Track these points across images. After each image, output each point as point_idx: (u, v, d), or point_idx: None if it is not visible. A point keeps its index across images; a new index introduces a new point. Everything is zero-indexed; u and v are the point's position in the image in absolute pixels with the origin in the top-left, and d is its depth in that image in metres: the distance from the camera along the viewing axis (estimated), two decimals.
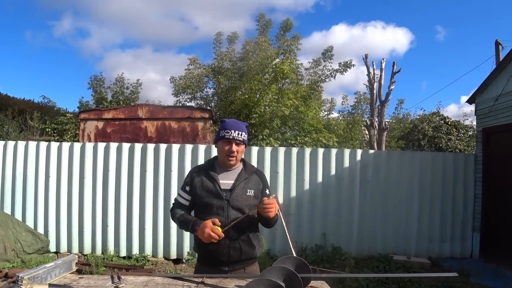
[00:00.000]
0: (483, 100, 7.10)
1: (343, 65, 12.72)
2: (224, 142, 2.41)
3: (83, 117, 10.19)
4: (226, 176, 2.45)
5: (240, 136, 2.40)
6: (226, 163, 2.44)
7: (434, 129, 18.28)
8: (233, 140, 2.38)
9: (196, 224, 2.30)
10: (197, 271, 2.49)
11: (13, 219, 6.39)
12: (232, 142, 2.38)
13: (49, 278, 1.94)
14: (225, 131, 2.40)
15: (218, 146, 2.47)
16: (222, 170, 2.47)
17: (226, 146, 2.39)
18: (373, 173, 6.91)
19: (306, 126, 12.02)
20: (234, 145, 2.39)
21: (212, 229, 2.19)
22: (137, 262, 6.45)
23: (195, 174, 2.50)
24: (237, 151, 2.41)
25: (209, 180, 2.42)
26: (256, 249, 2.44)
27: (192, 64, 13.66)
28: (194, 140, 9.68)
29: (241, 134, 2.41)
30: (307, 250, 6.63)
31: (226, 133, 2.38)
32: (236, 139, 2.39)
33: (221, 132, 2.42)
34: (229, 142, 2.39)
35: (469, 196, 7.01)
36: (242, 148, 2.46)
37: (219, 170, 2.47)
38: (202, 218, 2.34)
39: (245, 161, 2.57)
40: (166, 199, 6.70)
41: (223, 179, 2.43)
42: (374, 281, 5.33)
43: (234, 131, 2.38)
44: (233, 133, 2.38)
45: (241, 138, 2.41)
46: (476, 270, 6.17)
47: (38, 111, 24.71)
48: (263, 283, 1.67)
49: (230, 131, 2.38)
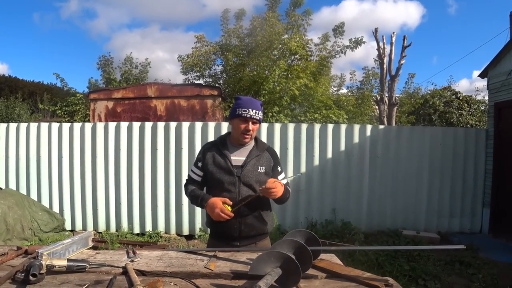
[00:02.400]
0: (495, 74, 6.98)
1: (354, 42, 12.51)
2: (240, 120, 2.38)
3: (93, 97, 10.25)
4: (238, 152, 2.45)
5: (257, 115, 2.38)
6: (241, 140, 2.43)
7: (445, 104, 18.06)
8: (249, 119, 2.37)
9: (203, 200, 2.35)
10: (209, 245, 2.54)
11: (29, 199, 6.54)
12: (248, 121, 2.37)
13: (67, 253, 2.01)
14: (242, 109, 2.37)
15: (234, 124, 2.45)
16: (234, 147, 2.48)
17: (243, 125, 2.38)
18: (383, 149, 6.90)
19: (315, 102, 11.94)
20: (251, 123, 2.38)
21: (222, 209, 2.22)
22: (151, 239, 6.60)
23: (207, 150, 2.51)
24: (253, 129, 2.40)
25: (221, 157, 2.43)
26: (267, 224, 2.48)
27: (199, 42, 13.55)
28: (203, 118, 9.71)
29: (258, 113, 2.39)
30: (317, 225, 6.71)
31: (244, 112, 2.36)
32: (253, 118, 2.37)
33: (238, 110, 2.38)
34: (245, 121, 2.37)
35: (479, 171, 6.99)
36: (257, 127, 2.45)
37: (231, 147, 2.48)
38: (214, 193, 2.38)
39: (257, 138, 2.55)
40: (177, 176, 6.78)
41: (235, 156, 2.44)
42: (383, 254, 5.39)
43: (251, 110, 2.36)
44: (250, 112, 2.36)
45: (257, 117, 2.39)
46: (486, 245, 6.20)
47: (48, 93, 24.88)
48: (274, 256, 1.70)
49: (248, 110, 2.35)
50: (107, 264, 1.88)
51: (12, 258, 1.95)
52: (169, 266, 1.90)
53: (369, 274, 1.82)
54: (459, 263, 5.29)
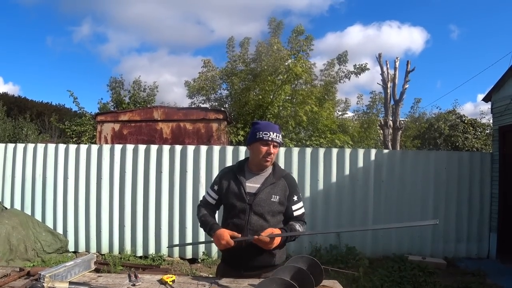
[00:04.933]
0: (499, 98, 7.01)
1: (358, 68, 12.67)
2: (261, 143, 2.35)
3: (100, 119, 10.36)
4: (254, 179, 2.42)
5: (277, 138, 2.36)
6: (263, 164, 2.39)
7: (451, 127, 18.03)
8: (271, 142, 2.34)
9: (212, 229, 2.33)
10: (218, 268, 2.55)
11: (33, 219, 6.55)
12: (270, 144, 2.34)
13: (69, 276, 2.02)
14: (262, 132, 2.34)
15: (254, 148, 2.40)
16: (251, 173, 2.45)
17: (264, 148, 2.34)
18: (388, 173, 6.88)
19: (320, 126, 12.00)
20: (272, 147, 2.35)
21: (228, 242, 2.21)
22: (154, 262, 6.55)
23: (224, 174, 2.51)
24: (273, 153, 2.37)
25: (235, 182, 2.41)
26: (275, 257, 2.38)
27: (205, 66, 13.76)
28: (208, 141, 9.75)
29: (278, 136, 2.37)
30: (321, 250, 6.64)
31: (265, 135, 2.33)
32: (274, 141, 2.35)
33: (258, 134, 2.35)
34: (267, 144, 2.34)
35: (485, 195, 6.91)
36: (277, 150, 2.42)
37: (247, 173, 2.45)
38: (226, 218, 2.40)
39: (275, 165, 2.49)
40: (182, 199, 6.78)
41: (250, 183, 2.41)
42: (388, 280, 5.33)
43: (272, 133, 2.34)
44: (272, 135, 2.33)
45: (278, 140, 2.37)
46: (493, 270, 6.09)
47: (56, 114, 25.17)
48: (276, 282, 1.70)
49: (269, 133, 2.33)
50: None
51: (14, 279, 1.96)
52: None
53: None
54: None
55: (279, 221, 2.38)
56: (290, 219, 2.38)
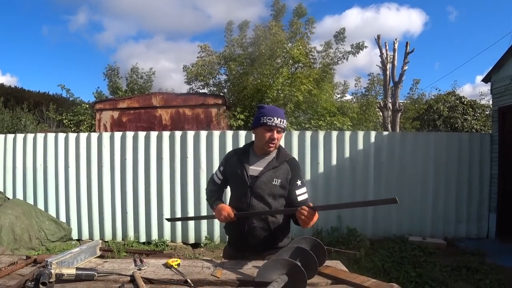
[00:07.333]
0: (498, 78, 6.98)
1: (355, 47, 12.56)
2: (265, 129, 2.35)
3: (99, 108, 10.34)
4: (258, 163, 2.42)
5: (281, 123, 2.35)
6: (266, 149, 2.40)
7: (450, 109, 17.97)
8: (274, 128, 2.33)
9: (214, 203, 2.46)
10: (224, 250, 2.62)
11: (36, 208, 6.59)
12: (273, 129, 2.34)
13: (75, 262, 2.04)
14: (266, 117, 2.33)
15: (258, 133, 2.41)
16: (256, 156, 2.45)
17: (268, 133, 2.34)
18: (388, 155, 6.90)
19: (319, 109, 11.97)
20: (276, 132, 2.35)
21: (229, 213, 2.32)
22: (157, 247, 6.61)
23: (230, 157, 2.56)
24: (277, 138, 2.37)
25: (239, 165, 2.44)
26: (279, 238, 2.40)
27: (203, 51, 13.65)
28: (208, 127, 9.76)
29: (282, 122, 2.36)
30: (322, 232, 6.69)
31: (268, 120, 2.33)
32: (278, 127, 2.34)
33: (262, 119, 2.35)
34: (270, 129, 2.34)
35: (485, 176, 6.95)
36: (281, 135, 2.42)
37: (252, 156, 2.46)
38: (230, 199, 2.50)
39: (280, 149, 2.49)
40: (183, 184, 6.81)
41: (254, 166, 2.42)
42: (389, 261, 5.39)
43: (276, 118, 2.33)
44: (275, 120, 2.33)
45: (282, 126, 2.37)
46: (493, 250, 6.16)
47: (54, 103, 25.06)
48: (280, 263, 1.73)
49: (273, 118, 2.33)
50: (115, 273, 1.90)
51: (21, 267, 1.99)
52: (176, 274, 1.93)
53: (374, 280, 1.83)
54: (466, 269, 5.25)
55: (281, 204, 2.39)
56: (294, 204, 2.35)
